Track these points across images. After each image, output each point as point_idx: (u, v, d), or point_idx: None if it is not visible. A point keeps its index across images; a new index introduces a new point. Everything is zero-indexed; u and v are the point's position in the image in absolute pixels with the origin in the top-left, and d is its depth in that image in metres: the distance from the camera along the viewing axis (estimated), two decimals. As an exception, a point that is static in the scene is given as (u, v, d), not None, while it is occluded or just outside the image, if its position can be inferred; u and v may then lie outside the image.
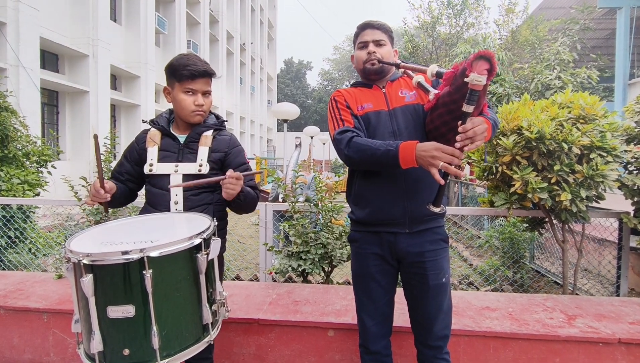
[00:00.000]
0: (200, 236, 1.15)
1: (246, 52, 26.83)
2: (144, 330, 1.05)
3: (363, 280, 1.58)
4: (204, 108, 1.54)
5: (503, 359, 2.01)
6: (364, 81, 1.67)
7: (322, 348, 2.12)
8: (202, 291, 1.16)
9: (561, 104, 2.70)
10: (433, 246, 1.53)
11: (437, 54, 12.38)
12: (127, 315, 1.04)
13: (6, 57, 8.45)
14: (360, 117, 1.55)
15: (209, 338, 1.17)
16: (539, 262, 4.45)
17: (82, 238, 1.20)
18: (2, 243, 3.85)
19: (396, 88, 1.60)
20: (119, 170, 1.63)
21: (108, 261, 1.03)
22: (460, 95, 1.25)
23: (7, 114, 4.31)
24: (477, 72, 1.14)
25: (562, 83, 6.39)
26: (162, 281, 1.07)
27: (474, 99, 1.19)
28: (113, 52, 12.01)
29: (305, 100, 46.17)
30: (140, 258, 1.02)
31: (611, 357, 1.95)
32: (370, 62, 1.57)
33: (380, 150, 1.37)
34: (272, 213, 3.15)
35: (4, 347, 2.31)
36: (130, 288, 1.04)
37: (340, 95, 1.61)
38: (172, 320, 1.09)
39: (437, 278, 1.52)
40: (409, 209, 1.49)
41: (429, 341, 1.54)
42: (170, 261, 1.08)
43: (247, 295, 2.47)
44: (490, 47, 9.17)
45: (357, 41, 1.64)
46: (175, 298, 1.11)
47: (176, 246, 1.08)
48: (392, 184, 1.49)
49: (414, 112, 1.53)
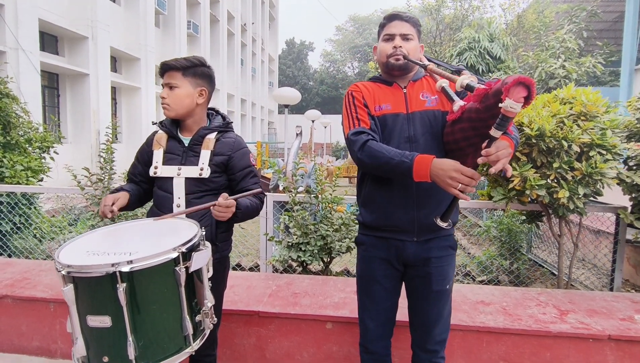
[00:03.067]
0: (179, 249, 1.16)
1: (247, 33, 26.41)
2: (120, 340, 1.09)
3: (367, 283, 1.57)
4: (167, 101, 1.52)
5: (495, 353, 2.07)
6: (384, 76, 1.58)
7: (320, 340, 2.19)
8: (182, 303, 1.18)
9: (563, 99, 2.69)
10: (440, 253, 1.52)
11: (442, 38, 12.18)
12: (104, 325, 1.08)
13: (5, 40, 8.36)
14: (377, 118, 1.48)
15: (190, 350, 1.19)
16: (536, 252, 4.50)
17: (74, 245, 1.24)
18: (7, 229, 3.92)
19: (418, 90, 1.52)
20: (133, 171, 1.67)
21: (84, 273, 1.07)
22: (489, 115, 1.19)
23: (8, 100, 4.31)
24: (513, 99, 1.06)
25: (566, 72, 6.31)
26: (136, 295, 1.10)
27: (504, 125, 1.12)
28: (112, 33, 11.86)
29: (307, 82, 45.66)
30: (113, 272, 1.05)
31: (600, 352, 2.01)
32: (395, 57, 1.48)
33: (395, 160, 1.32)
34: (272, 203, 3.19)
35: (12, 335, 2.39)
36: (106, 300, 1.08)
37: (358, 90, 1.53)
38: (150, 331, 1.13)
39: (440, 285, 1.52)
40: (418, 219, 1.46)
41: (426, 345, 1.55)
42: (144, 275, 1.10)
43: (248, 286, 2.53)
44: (495, 31, 9.01)
45: (382, 32, 1.54)
46: (151, 310, 1.13)
47: (150, 261, 1.10)
48: (403, 192, 1.45)
49: (433, 118, 1.47)
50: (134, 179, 1.66)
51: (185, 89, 1.52)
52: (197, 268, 1.23)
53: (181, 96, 1.52)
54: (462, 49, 9.10)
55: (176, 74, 1.51)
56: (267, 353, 2.23)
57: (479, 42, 8.92)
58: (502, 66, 8.48)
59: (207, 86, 1.58)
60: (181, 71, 1.51)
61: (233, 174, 1.58)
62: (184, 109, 1.54)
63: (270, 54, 34.25)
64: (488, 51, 8.92)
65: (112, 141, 3.40)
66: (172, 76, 1.51)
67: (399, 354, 2.13)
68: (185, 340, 1.20)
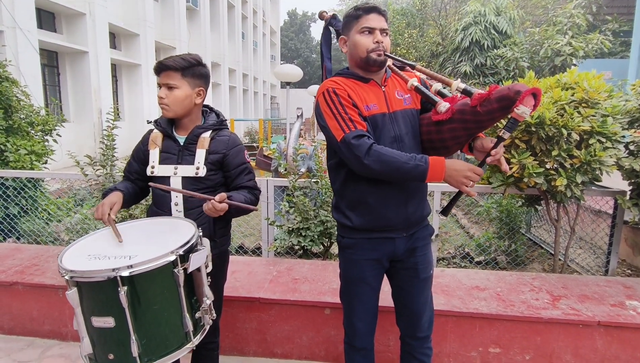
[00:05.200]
0: (176, 252, 1.21)
1: (248, 5, 25.72)
2: (124, 339, 1.15)
3: (355, 285, 1.56)
4: (165, 102, 1.52)
5: (488, 337, 2.15)
6: (359, 72, 1.48)
7: (319, 324, 2.27)
8: (182, 301, 1.24)
9: (566, 84, 2.66)
10: (422, 242, 1.57)
11: (447, 11, 11.82)
12: (108, 325, 1.15)
13: (2, 19, 8.23)
14: (368, 119, 1.42)
15: (191, 345, 1.26)
16: (535, 231, 4.55)
17: (76, 249, 1.29)
18: (15, 212, 4.00)
19: (392, 88, 1.51)
20: (129, 169, 1.68)
21: (87, 278, 1.13)
22: (488, 118, 1.30)
23: (8, 84, 4.30)
24: (527, 106, 1.20)
25: (573, 50, 6.15)
26: (137, 297, 1.15)
27: (514, 128, 1.27)
28: (110, 9, 11.62)
29: (310, 54, 44.77)
30: (114, 277, 1.11)
31: (589, 337, 2.08)
32: (377, 53, 1.42)
33: (409, 164, 1.30)
34: (273, 188, 3.23)
35: (24, 320, 2.50)
36: (109, 303, 1.14)
37: (340, 88, 1.41)
38: (152, 330, 1.19)
39: (426, 271, 1.58)
40: (408, 215, 1.49)
41: (417, 333, 1.59)
42: (144, 278, 1.15)
43: (249, 272, 2.60)
44: (502, 5, 8.72)
45: (357, 24, 1.44)
46: (153, 310, 1.19)
47: (148, 264, 1.15)
48: (396, 191, 1.46)
49: (412, 117, 1.50)
50: (129, 177, 1.68)
51: (184, 89, 1.52)
52: (194, 268, 1.28)
53: (181, 97, 1.52)
54: (468, 23, 8.85)
55: (175, 74, 1.50)
56: (268, 337, 2.32)
57: (485, 16, 8.66)
58: (507, 41, 8.26)
59: (204, 85, 1.58)
60: (180, 72, 1.50)
61: (228, 171, 1.60)
62: (183, 110, 1.55)
63: (272, 26, 33.47)
64: (494, 25, 8.67)
65: (113, 127, 3.42)
66: (171, 77, 1.50)
67: (395, 338, 2.21)
68: (186, 336, 1.27)
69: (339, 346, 2.26)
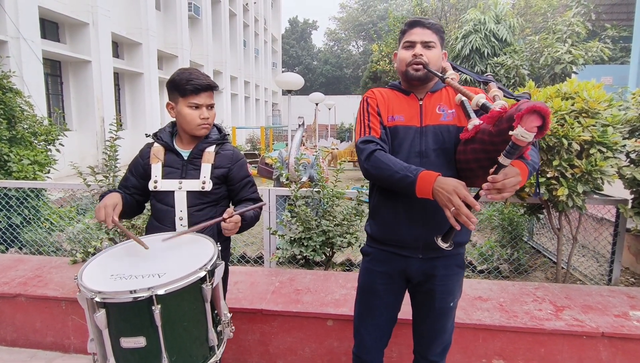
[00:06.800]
0: (205, 268, 1.21)
1: (249, 13, 25.95)
2: (154, 358, 1.14)
3: (368, 296, 1.55)
4: (209, 121, 1.56)
5: (491, 349, 2.14)
6: (403, 85, 1.53)
7: (321, 336, 2.27)
8: (208, 316, 1.24)
9: (565, 94, 2.67)
10: (445, 271, 1.47)
11: (447, 19, 11.91)
12: (139, 346, 1.12)
13: (6, 29, 8.32)
14: (388, 129, 1.44)
15: (215, 358, 1.26)
16: (537, 239, 4.53)
17: (92, 268, 1.26)
18: (17, 222, 4.02)
19: (435, 102, 1.46)
20: (125, 184, 1.65)
21: (119, 299, 1.10)
22: (501, 140, 1.12)
23: (12, 95, 4.34)
24: (525, 128, 0.97)
25: (573, 58, 6.17)
26: (170, 314, 1.14)
27: (514, 153, 1.05)
28: (113, 19, 11.73)
29: (311, 62, 45.03)
30: (149, 296, 1.09)
31: (594, 348, 2.07)
32: (414, 67, 1.42)
33: (399, 174, 1.28)
34: (275, 197, 3.24)
35: (28, 331, 2.50)
36: (141, 322, 1.12)
37: (373, 97, 1.49)
38: (181, 347, 1.18)
39: (444, 302, 1.49)
40: (424, 236, 1.40)
41: (427, 355, 1.57)
42: (177, 296, 1.15)
43: (251, 283, 2.60)
44: (502, 12, 8.79)
45: (402, 39, 1.48)
46: (183, 327, 1.19)
47: (182, 282, 1.14)
48: (409, 207, 1.40)
49: (447, 133, 1.41)
50: (126, 191, 1.65)
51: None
52: (218, 281, 1.29)
53: (215, 115, 1.60)
54: (468, 31, 8.90)
55: (212, 93, 1.57)
56: (271, 348, 2.32)
57: (485, 24, 8.72)
58: (508, 49, 8.30)
59: None
60: (214, 91, 1.58)
61: (233, 185, 1.62)
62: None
63: (273, 34, 33.72)
64: (494, 33, 8.72)
65: (115, 138, 3.44)
66: (212, 96, 1.57)
67: (398, 350, 2.21)
68: (210, 350, 1.27)
69: (342, 358, 2.25)
